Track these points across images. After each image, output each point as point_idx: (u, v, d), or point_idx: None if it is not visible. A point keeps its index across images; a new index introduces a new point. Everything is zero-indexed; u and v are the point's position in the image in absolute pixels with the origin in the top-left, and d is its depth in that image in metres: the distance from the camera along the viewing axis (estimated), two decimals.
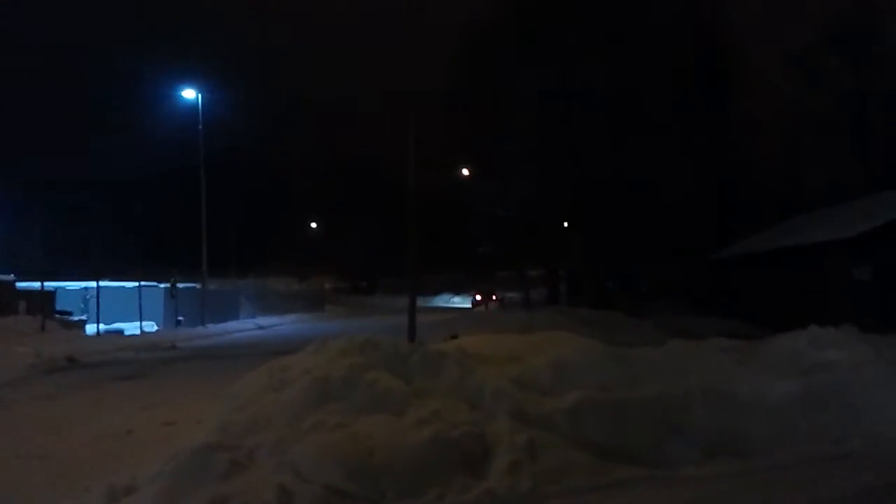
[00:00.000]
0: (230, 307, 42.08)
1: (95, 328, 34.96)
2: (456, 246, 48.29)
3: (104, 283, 39.34)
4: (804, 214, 28.73)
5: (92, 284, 39.12)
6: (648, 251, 29.81)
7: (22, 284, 33.70)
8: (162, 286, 40.91)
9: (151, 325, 37.16)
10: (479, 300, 57.17)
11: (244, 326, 35.19)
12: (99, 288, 38.70)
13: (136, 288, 39.26)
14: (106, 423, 11.12)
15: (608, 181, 28.88)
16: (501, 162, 31.93)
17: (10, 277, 29.30)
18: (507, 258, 33.39)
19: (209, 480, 6.12)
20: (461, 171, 39.43)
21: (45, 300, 28.91)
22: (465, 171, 41.07)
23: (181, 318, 36.81)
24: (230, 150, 62.66)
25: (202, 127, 36.23)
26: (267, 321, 38.38)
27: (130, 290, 39.77)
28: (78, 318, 32.86)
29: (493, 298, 58.50)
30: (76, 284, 36.75)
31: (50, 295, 31.50)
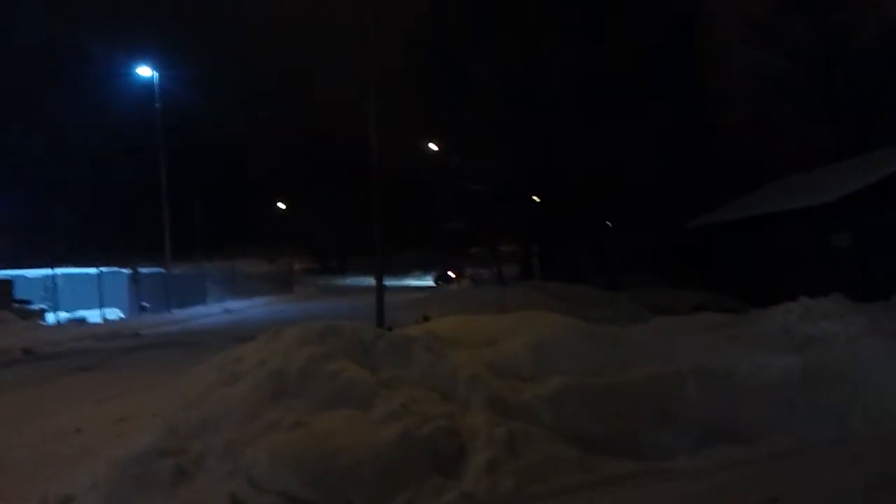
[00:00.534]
0: (197, 291, 41.08)
1: (58, 317, 34.07)
2: (426, 223, 47.67)
3: (67, 270, 38.31)
4: (777, 181, 28.35)
5: (55, 272, 38.09)
6: (620, 223, 29.35)
7: None
8: (126, 272, 39.94)
9: (116, 312, 36.22)
10: (452, 277, 56.61)
11: (210, 311, 34.30)
12: (58, 276, 37.66)
13: (100, 274, 38.28)
14: (55, 420, 10.50)
15: (575, 154, 28.35)
16: (466, 137, 31.34)
17: None
18: (478, 234, 32.77)
19: (152, 491, 5.47)
20: (427, 146, 38.76)
21: (1, 290, 27.88)
22: (432, 145, 40.46)
23: (146, 304, 35.84)
24: (191, 130, 61.54)
25: (159, 105, 35.10)
26: (234, 305, 37.48)
27: (94, 276, 38.75)
28: (38, 307, 31.79)
29: (461, 276, 58.13)
30: (36, 272, 35.62)
31: (7, 284, 30.41)
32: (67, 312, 35.17)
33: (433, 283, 61.16)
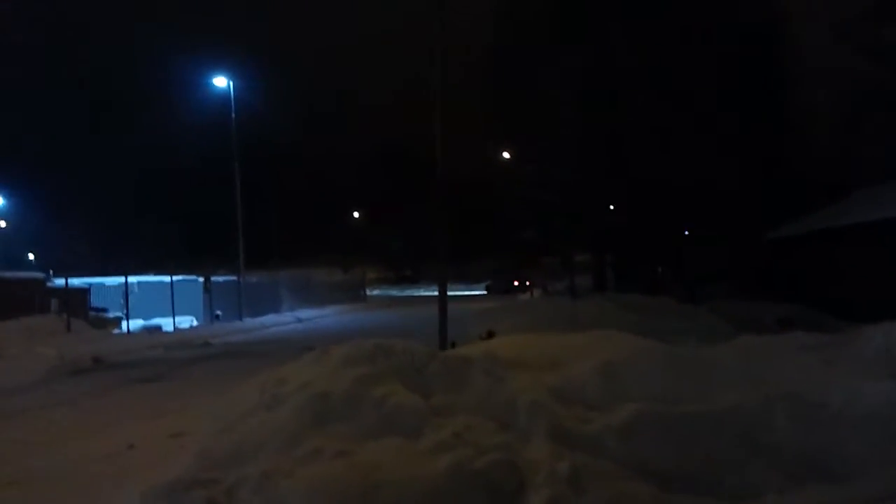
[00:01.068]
0: (271, 300, 41.28)
1: (133, 325, 34.53)
2: (498, 232, 47.11)
3: (143, 278, 38.86)
4: (865, 189, 26.88)
5: (130, 280, 38.67)
6: (699, 233, 28.25)
7: (59, 282, 33.23)
8: (201, 280, 40.34)
9: (190, 319, 36.56)
10: (514, 285, 56.00)
11: (282, 320, 34.26)
12: (134, 284, 38.21)
13: (175, 283, 38.71)
14: (109, 435, 10.27)
15: (651, 162, 27.38)
16: (539, 145, 30.67)
17: (39, 275, 28.66)
18: (551, 244, 31.99)
19: None
20: (500, 155, 38.24)
21: (77, 298, 28.22)
22: (505, 154, 39.91)
23: (219, 312, 36.07)
24: (268, 140, 62.24)
25: (234, 115, 35.30)
26: (306, 314, 37.43)
27: (171, 284, 39.20)
28: (114, 315, 32.21)
29: (526, 285, 57.23)
30: (114, 280, 36.16)
31: (83, 292, 30.82)
32: (144, 320, 35.66)
33: (485, 290, 60.86)
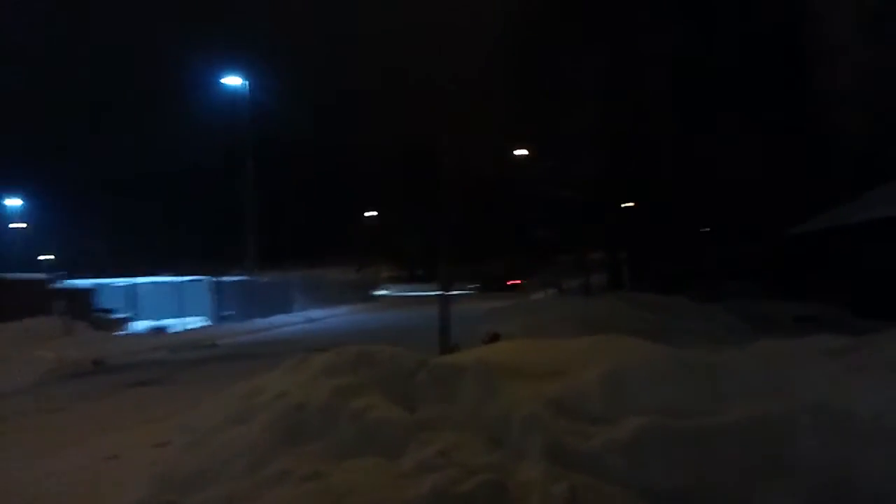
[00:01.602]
0: (284, 299, 40.92)
1: (140, 326, 34.23)
2: (515, 230, 46.55)
3: (153, 278, 38.59)
4: (890, 184, 26.05)
5: (139, 280, 38.41)
6: (717, 230, 27.56)
7: (68, 283, 32.96)
8: (213, 280, 40.03)
9: (201, 320, 36.25)
10: (518, 285, 56.28)
11: (292, 320, 33.78)
12: (143, 284, 37.94)
13: (184, 283, 38.44)
14: (95, 444, 9.89)
15: (670, 158, 26.75)
16: (557, 142, 30.08)
17: (43, 276, 28.30)
18: (566, 241, 31.33)
19: None
20: (517, 152, 37.70)
21: (82, 299, 27.85)
22: (524, 151, 39.31)
23: (229, 312, 35.71)
24: (282, 139, 61.95)
25: (249, 114, 34.87)
26: (317, 314, 36.96)
27: (180, 284, 39.00)
28: (121, 315, 31.88)
29: (518, 284, 57.76)
30: (123, 280, 35.89)
31: (88, 293, 30.47)
32: (153, 321, 35.37)
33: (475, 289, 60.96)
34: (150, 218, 62.40)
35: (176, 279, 36.13)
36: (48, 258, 61.34)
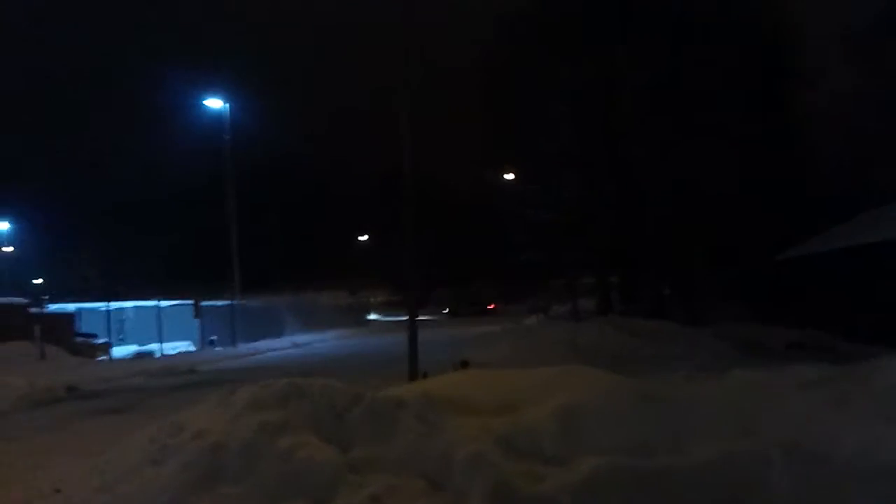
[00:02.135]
0: (272, 324, 40.43)
1: (125, 351, 33.69)
2: (501, 255, 46.28)
3: (141, 302, 38.07)
4: (877, 209, 25.71)
5: (124, 305, 37.87)
6: (706, 254, 27.14)
7: (52, 307, 32.41)
8: (201, 304, 39.59)
9: (186, 345, 35.75)
10: (487, 308, 57.63)
11: (278, 345, 33.22)
12: (127, 309, 37.41)
13: (170, 307, 37.91)
14: (44, 476, 9.28)
15: (655, 180, 26.36)
16: (538, 164, 29.79)
17: (21, 301, 27.74)
18: (551, 265, 30.89)
19: None
20: (499, 175, 37.49)
21: (61, 323, 27.28)
22: (509, 175, 39.18)
23: (214, 337, 35.19)
24: (271, 162, 61.75)
25: (229, 137, 34.52)
26: (303, 338, 36.42)
27: (165, 309, 38.44)
28: (103, 340, 31.30)
29: (488, 308, 61.06)
30: (105, 305, 35.33)
31: (68, 317, 29.89)
32: (138, 345, 34.83)
33: (449, 311, 62.15)
34: (141, 241, 62.05)
35: (161, 303, 35.59)
36: (38, 282, 60.99)
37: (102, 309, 33.91)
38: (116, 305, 36.53)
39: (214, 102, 35.43)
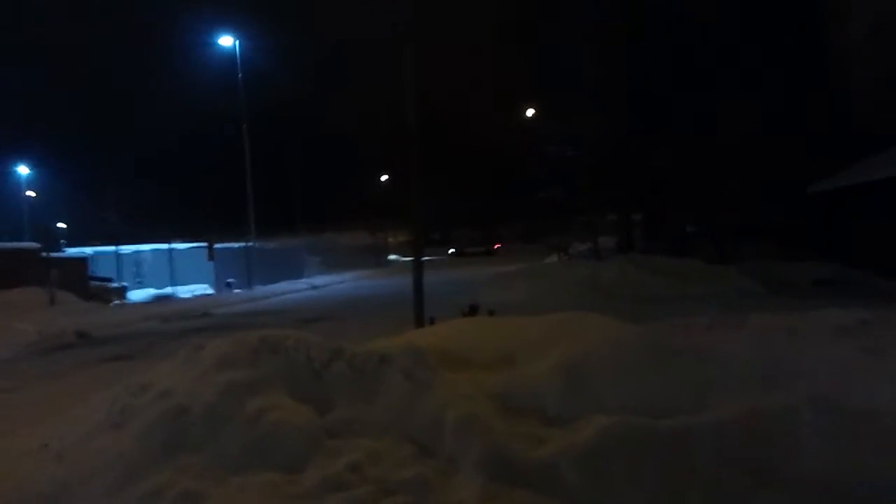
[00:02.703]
0: (291, 266, 40.18)
1: (143, 294, 33.58)
2: (525, 194, 45.66)
3: (158, 246, 37.92)
4: None
5: (141, 248, 37.72)
6: (732, 189, 26.33)
7: (70, 252, 32.26)
8: (218, 247, 39.39)
9: (204, 287, 35.63)
10: (493, 248, 59.21)
11: (295, 287, 32.87)
12: (145, 252, 37.29)
13: (187, 250, 37.74)
14: (40, 429, 8.90)
15: (682, 114, 25.50)
16: (562, 99, 28.99)
17: (33, 246, 27.45)
18: (573, 203, 30.16)
19: None
20: (522, 112, 36.69)
21: (75, 268, 27.01)
22: (530, 111, 38.44)
23: (231, 280, 34.96)
24: (288, 103, 61.08)
25: (240, 76, 33.73)
26: (322, 280, 36.09)
27: (183, 252, 38.31)
28: (119, 284, 31.15)
29: (494, 247, 63.17)
30: (123, 249, 35.16)
31: (81, 262, 29.65)
32: (155, 289, 34.72)
33: (453, 253, 64.08)
34: (163, 185, 62.06)
35: (179, 246, 35.39)
36: (61, 226, 61.23)
37: (119, 252, 33.75)
38: (133, 249, 36.39)
39: (226, 40, 34.62)
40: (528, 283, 21.75)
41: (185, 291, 33.14)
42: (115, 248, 33.98)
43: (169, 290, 33.08)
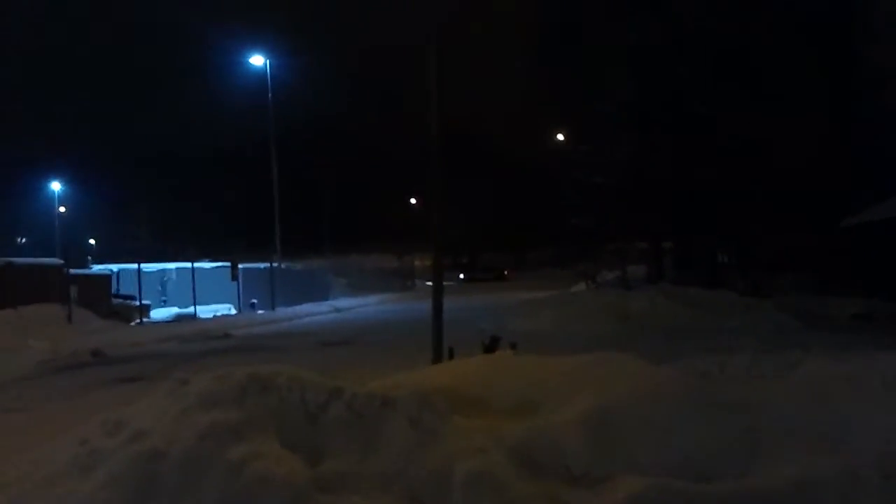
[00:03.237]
0: (315, 287, 39.86)
1: (166, 313, 33.33)
2: (556, 220, 45.26)
3: (180, 264, 37.74)
4: None
5: (166, 266, 37.53)
6: (767, 219, 25.68)
7: (95, 268, 32.11)
8: (243, 266, 39.11)
9: (227, 307, 35.34)
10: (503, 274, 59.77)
11: (318, 309, 32.45)
12: (170, 270, 37.10)
13: (212, 269, 37.54)
14: (4, 467, 8.45)
15: (715, 141, 25.02)
16: (595, 125, 28.59)
17: (57, 262, 27.21)
18: (604, 230, 29.60)
19: None
20: (554, 136, 36.34)
21: (98, 285, 26.73)
22: (559, 136, 38.06)
23: (254, 300, 34.64)
24: (318, 122, 61.20)
25: (271, 96, 33.63)
26: (346, 303, 35.67)
27: (208, 271, 38.11)
28: (143, 302, 30.87)
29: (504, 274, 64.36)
30: (148, 266, 34.95)
31: (105, 279, 29.38)
32: (179, 308, 34.47)
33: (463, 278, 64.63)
34: (194, 203, 62.42)
35: (204, 265, 35.16)
36: (91, 242, 61.60)
37: (144, 269, 33.54)
38: (158, 266, 36.18)
39: (257, 59, 34.59)
40: (554, 311, 21.24)
41: (207, 311, 32.85)
42: (140, 265, 33.74)
43: (191, 309, 32.81)
